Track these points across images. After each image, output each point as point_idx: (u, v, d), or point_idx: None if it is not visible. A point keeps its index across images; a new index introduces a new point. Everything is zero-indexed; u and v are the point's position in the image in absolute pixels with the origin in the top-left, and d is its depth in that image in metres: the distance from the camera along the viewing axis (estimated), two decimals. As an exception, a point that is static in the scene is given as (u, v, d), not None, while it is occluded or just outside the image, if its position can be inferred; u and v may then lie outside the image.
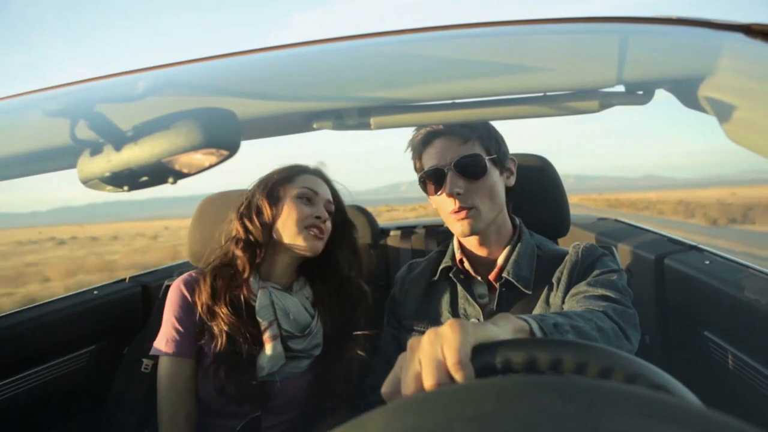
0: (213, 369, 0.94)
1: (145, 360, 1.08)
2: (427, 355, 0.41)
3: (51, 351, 1.14)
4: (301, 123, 0.74)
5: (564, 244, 1.05)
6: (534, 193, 1.10)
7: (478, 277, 0.95)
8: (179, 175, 0.60)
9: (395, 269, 1.41)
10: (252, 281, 0.99)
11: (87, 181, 0.60)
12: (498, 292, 0.91)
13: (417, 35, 0.72)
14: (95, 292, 1.30)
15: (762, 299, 0.93)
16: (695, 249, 1.29)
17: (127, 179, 0.60)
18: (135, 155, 0.57)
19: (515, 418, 0.24)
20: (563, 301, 0.85)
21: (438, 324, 0.52)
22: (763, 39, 0.57)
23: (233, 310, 0.95)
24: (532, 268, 0.92)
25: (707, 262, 1.17)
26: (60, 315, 1.18)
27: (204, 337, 0.97)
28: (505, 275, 0.90)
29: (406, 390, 0.41)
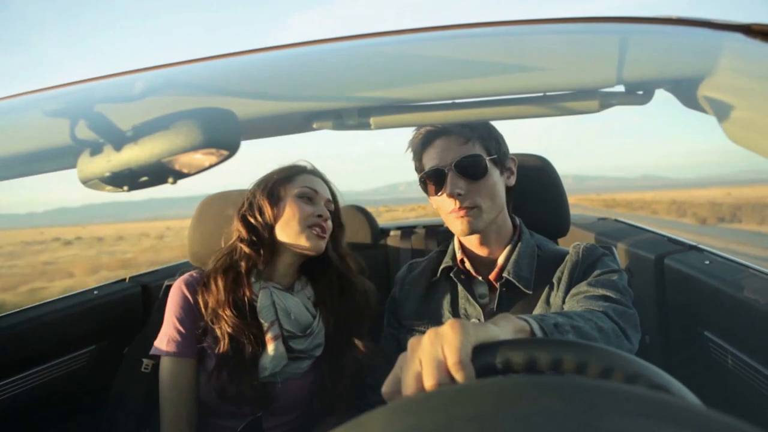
0: (215, 370, 0.94)
1: (146, 360, 1.08)
2: (428, 355, 0.41)
3: (51, 351, 1.14)
4: (301, 123, 0.74)
5: (564, 244, 1.05)
6: (534, 193, 1.10)
7: (478, 277, 0.95)
8: (179, 175, 0.60)
9: (395, 269, 1.41)
10: (254, 282, 0.99)
11: (87, 181, 0.60)
12: (498, 292, 0.91)
13: (417, 35, 0.72)
14: (95, 292, 1.30)
15: (762, 299, 0.93)
16: (695, 249, 1.29)
17: (127, 179, 0.60)
18: (135, 155, 0.57)
19: (515, 418, 0.24)
20: (564, 301, 0.85)
21: (438, 324, 0.51)
22: (763, 39, 0.57)
23: (237, 312, 0.95)
24: (532, 268, 0.92)
25: (707, 262, 1.17)
26: (60, 315, 1.18)
27: (206, 339, 0.97)
28: (506, 275, 0.90)
29: (406, 390, 0.41)
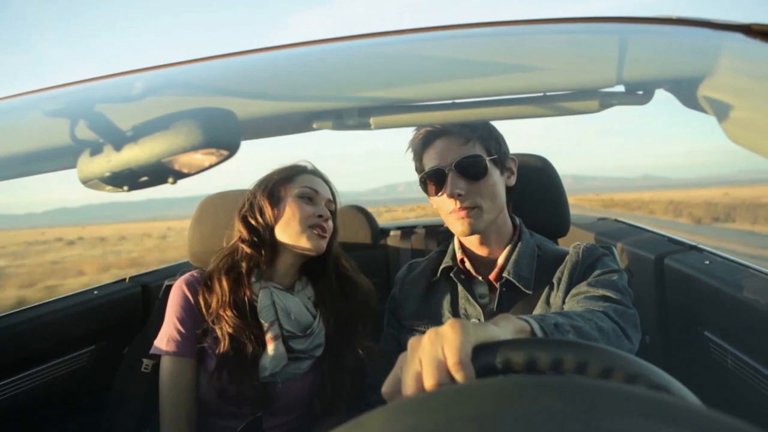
0: (216, 370, 0.94)
1: (145, 360, 1.08)
2: (428, 355, 0.40)
3: (51, 351, 1.14)
4: (301, 123, 0.74)
5: (564, 244, 1.05)
6: (534, 193, 1.10)
7: (478, 277, 0.94)
8: (179, 175, 0.60)
9: (395, 269, 1.41)
10: (254, 282, 0.99)
11: (87, 181, 0.60)
12: (498, 292, 0.91)
13: (417, 35, 0.72)
14: (95, 292, 1.30)
15: (762, 299, 0.93)
16: (695, 249, 1.29)
17: (127, 179, 0.60)
18: (135, 155, 0.57)
19: (515, 418, 0.24)
20: (564, 301, 0.85)
21: (438, 324, 0.51)
22: (763, 39, 0.57)
23: (237, 312, 0.95)
24: (532, 268, 0.92)
25: (707, 262, 1.17)
26: (60, 315, 1.18)
27: (206, 339, 0.97)
28: (506, 275, 0.90)
29: (406, 390, 0.41)
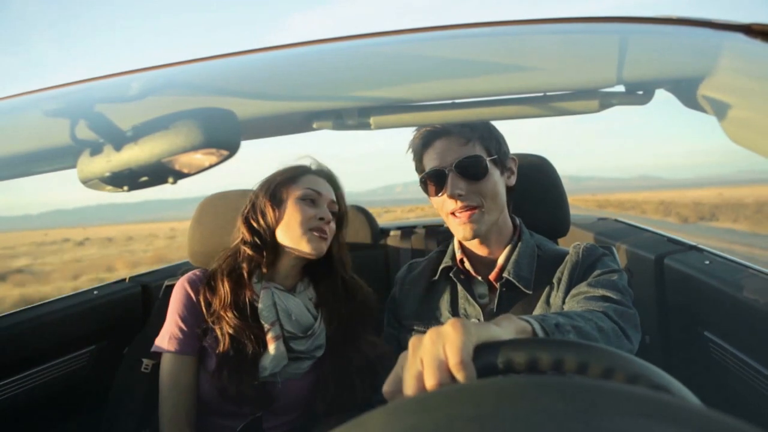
0: (216, 370, 0.94)
1: (145, 360, 1.08)
2: (429, 355, 0.40)
3: (51, 351, 1.14)
4: (301, 123, 0.74)
5: (564, 244, 1.05)
6: (534, 193, 1.10)
7: (478, 277, 0.94)
8: (179, 175, 0.60)
9: (395, 269, 1.41)
10: (255, 282, 0.99)
11: (87, 181, 0.60)
12: (498, 292, 0.91)
13: (417, 35, 0.72)
14: (95, 292, 1.30)
15: (762, 299, 0.93)
16: (695, 249, 1.29)
17: (127, 179, 0.60)
18: (135, 155, 0.57)
19: (516, 418, 0.24)
20: (564, 302, 0.85)
21: (438, 324, 0.51)
22: (763, 39, 0.57)
23: (238, 313, 0.95)
24: (532, 268, 0.92)
25: (707, 262, 1.17)
26: (60, 315, 1.18)
27: (207, 339, 0.97)
28: (506, 275, 0.90)
29: (407, 390, 0.40)
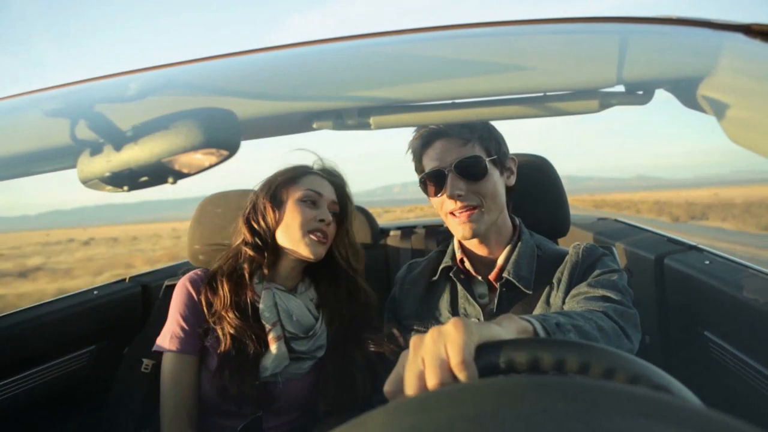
0: (217, 369, 0.94)
1: (145, 360, 1.08)
2: (431, 354, 0.40)
3: (51, 351, 1.14)
4: (301, 123, 0.74)
5: (564, 244, 1.05)
6: (534, 193, 1.10)
7: (478, 277, 0.94)
8: (179, 175, 0.60)
9: (395, 269, 1.41)
10: (257, 283, 0.99)
11: (87, 181, 0.60)
12: (498, 292, 0.91)
13: (417, 35, 0.72)
14: (95, 292, 1.30)
15: (762, 299, 0.93)
16: (695, 249, 1.29)
17: (127, 179, 0.60)
18: (135, 155, 0.57)
19: (516, 418, 0.24)
20: (564, 302, 0.85)
21: (438, 324, 0.51)
22: (763, 39, 0.57)
23: (239, 313, 0.95)
24: (532, 268, 0.92)
25: (707, 262, 1.17)
26: (60, 315, 1.18)
27: (209, 338, 0.97)
28: (506, 275, 0.90)
29: (408, 389, 0.40)
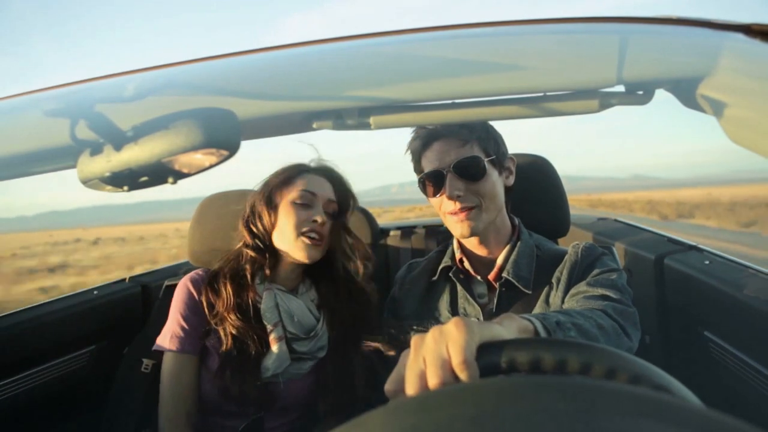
0: (219, 370, 0.94)
1: (145, 360, 1.08)
2: (432, 354, 0.40)
3: (51, 351, 1.14)
4: (301, 123, 0.74)
5: (563, 244, 1.05)
6: (534, 193, 1.10)
7: (477, 277, 0.95)
8: (179, 175, 0.60)
9: (395, 269, 1.41)
10: (258, 284, 0.99)
11: (87, 181, 0.60)
12: (498, 291, 0.91)
13: (417, 35, 0.72)
14: (95, 292, 1.30)
15: (762, 299, 0.93)
16: (695, 249, 1.29)
17: (127, 179, 0.60)
18: (135, 155, 0.57)
19: (516, 418, 0.24)
20: (563, 301, 0.85)
21: (438, 324, 0.51)
22: (763, 39, 0.57)
23: (241, 314, 0.96)
24: (531, 267, 0.92)
25: (707, 262, 1.17)
26: (60, 315, 1.18)
27: (210, 338, 0.97)
28: (505, 275, 0.90)
29: (409, 389, 0.40)
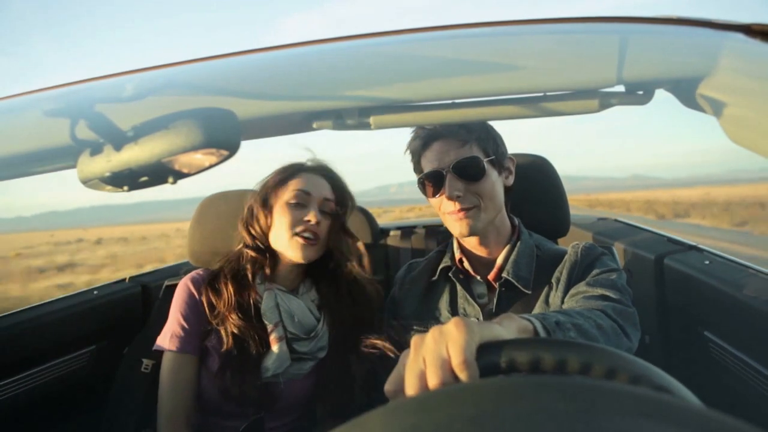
0: (219, 370, 0.94)
1: (145, 360, 1.08)
2: (432, 354, 0.40)
3: (51, 351, 1.14)
4: (301, 123, 0.74)
5: (563, 244, 1.05)
6: (534, 193, 1.10)
7: (477, 277, 0.95)
8: (179, 175, 0.60)
9: (395, 269, 1.41)
10: (258, 284, 0.99)
11: (87, 181, 0.60)
12: (497, 291, 0.91)
13: (417, 35, 0.72)
14: (95, 292, 1.30)
15: (762, 299, 0.93)
16: (695, 249, 1.29)
17: (127, 179, 0.60)
18: (135, 155, 0.57)
19: (516, 418, 0.24)
20: (563, 301, 0.85)
21: (437, 324, 0.51)
22: (763, 39, 0.57)
23: (242, 315, 0.96)
24: (531, 267, 0.92)
25: (707, 262, 1.17)
26: (60, 315, 1.18)
27: (210, 338, 0.97)
28: (505, 275, 0.90)
29: (409, 389, 0.40)
